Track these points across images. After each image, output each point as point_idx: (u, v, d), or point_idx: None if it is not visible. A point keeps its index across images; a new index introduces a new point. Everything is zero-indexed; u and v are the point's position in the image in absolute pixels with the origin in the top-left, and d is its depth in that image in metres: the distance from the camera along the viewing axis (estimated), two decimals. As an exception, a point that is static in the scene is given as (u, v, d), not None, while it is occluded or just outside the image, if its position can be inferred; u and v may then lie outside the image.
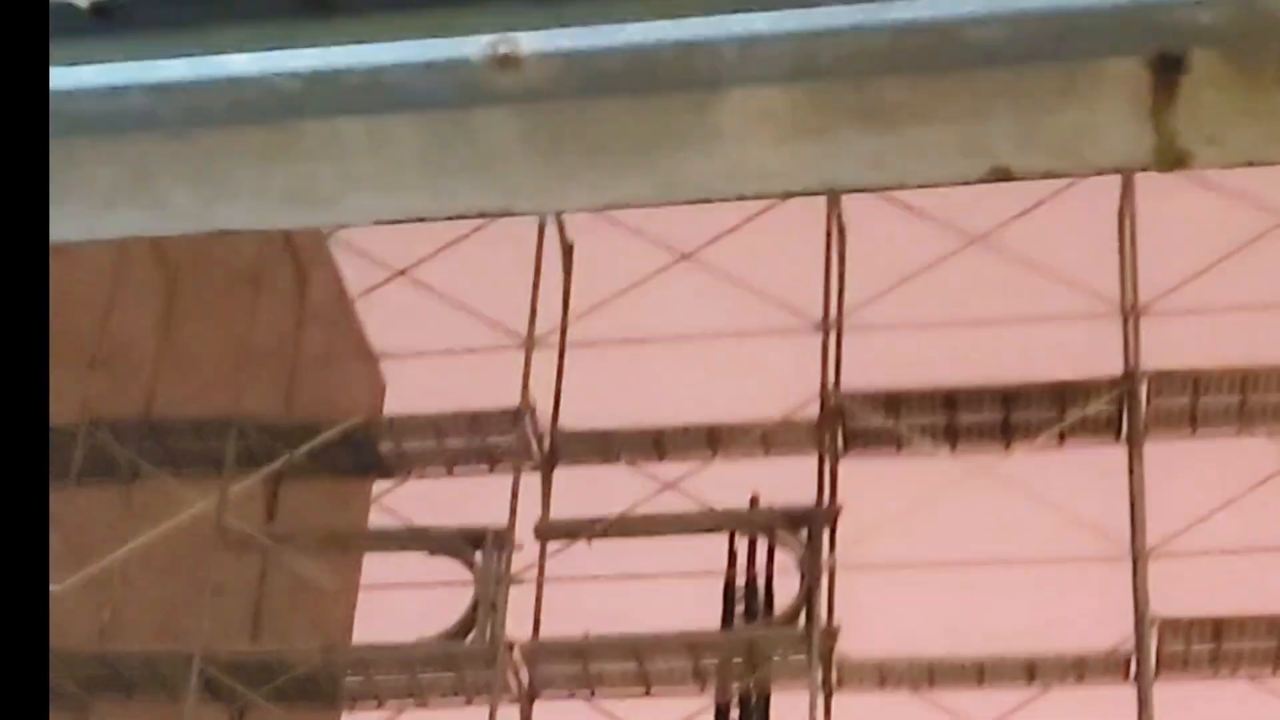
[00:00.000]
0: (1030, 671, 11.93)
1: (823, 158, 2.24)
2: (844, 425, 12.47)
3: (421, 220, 2.41)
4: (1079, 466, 12.21)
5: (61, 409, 13.03)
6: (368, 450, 13.01)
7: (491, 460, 12.97)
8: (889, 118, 2.18)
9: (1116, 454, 12.10)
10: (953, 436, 12.50)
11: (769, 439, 12.61)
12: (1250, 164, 2.18)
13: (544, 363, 13.45)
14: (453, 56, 2.19)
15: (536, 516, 12.46)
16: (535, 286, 13.81)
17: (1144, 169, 2.20)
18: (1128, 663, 11.63)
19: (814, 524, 12.04)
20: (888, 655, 12.04)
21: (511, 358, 13.35)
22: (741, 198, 2.33)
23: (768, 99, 2.19)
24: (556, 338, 13.63)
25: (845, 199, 13.82)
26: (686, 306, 13.96)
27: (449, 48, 2.20)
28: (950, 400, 12.48)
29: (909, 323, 13.18)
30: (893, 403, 12.47)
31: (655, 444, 12.77)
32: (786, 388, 12.79)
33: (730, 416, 12.79)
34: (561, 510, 12.56)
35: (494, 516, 12.28)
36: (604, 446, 12.89)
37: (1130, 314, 12.34)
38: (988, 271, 13.42)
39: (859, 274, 13.79)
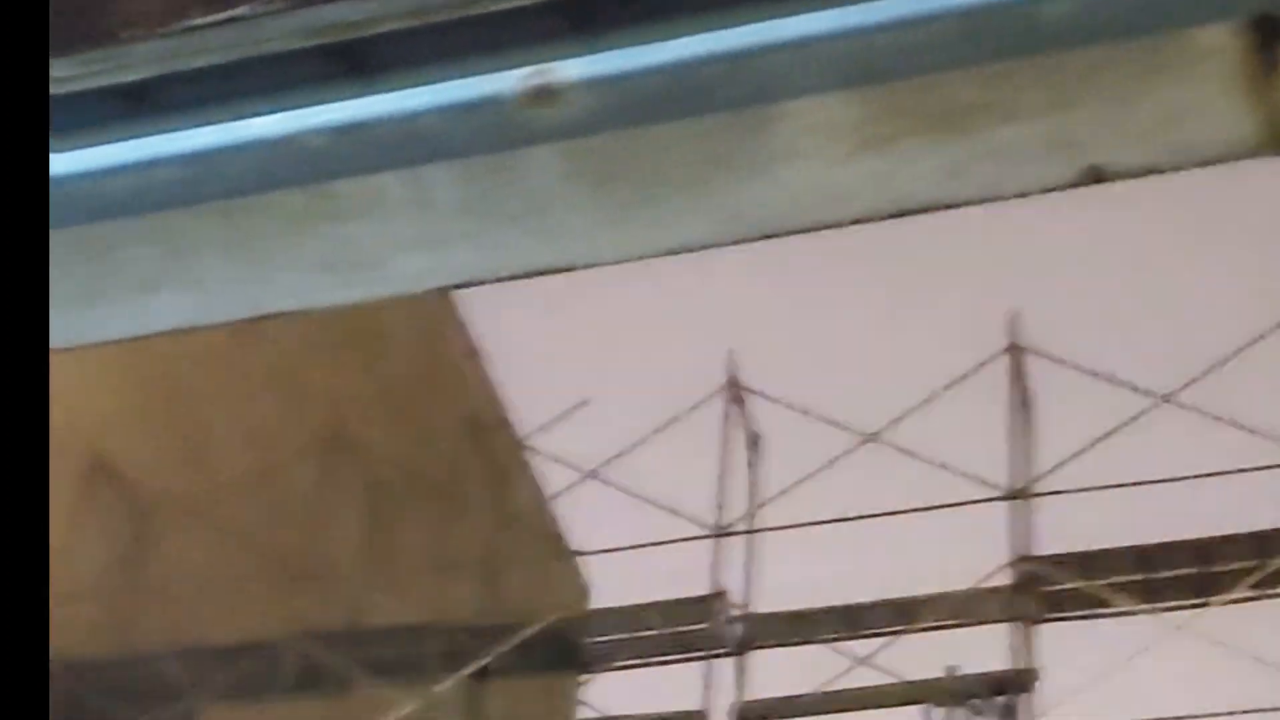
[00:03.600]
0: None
1: (894, 172, 1.95)
2: (1038, 589, 12.04)
3: (471, 284, 2.18)
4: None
5: (270, 624, 12.98)
6: (568, 646, 12.82)
7: (688, 647, 12.71)
8: (963, 119, 1.89)
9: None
10: (1149, 594, 11.99)
11: (963, 609, 12.21)
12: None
13: (737, 548, 13.28)
14: (485, 95, 1.95)
15: (733, 699, 12.19)
16: (723, 477, 13.72)
17: (1250, 155, 1.88)
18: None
19: (1012, 690, 11.58)
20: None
21: (705, 546, 13.19)
22: (811, 228, 2.05)
23: (828, 110, 1.91)
24: (746, 524, 13.45)
25: (1030, 364, 13.56)
26: (874, 484, 13.68)
27: (480, 86, 1.96)
28: (1145, 557, 12.00)
29: (1099, 483, 12.79)
30: (1086, 563, 12.04)
31: (848, 621, 12.43)
32: (978, 556, 12.43)
33: (923, 589, 12.45)
34: (757, 692, 12.28)
35: (691, 702, 12.02)
36: (797, 627, 12.59)
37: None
38: (1176, 428, 12.99)
39: (1046, 438, 13.45)
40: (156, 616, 12.87)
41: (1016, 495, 12.57)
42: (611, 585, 13.66)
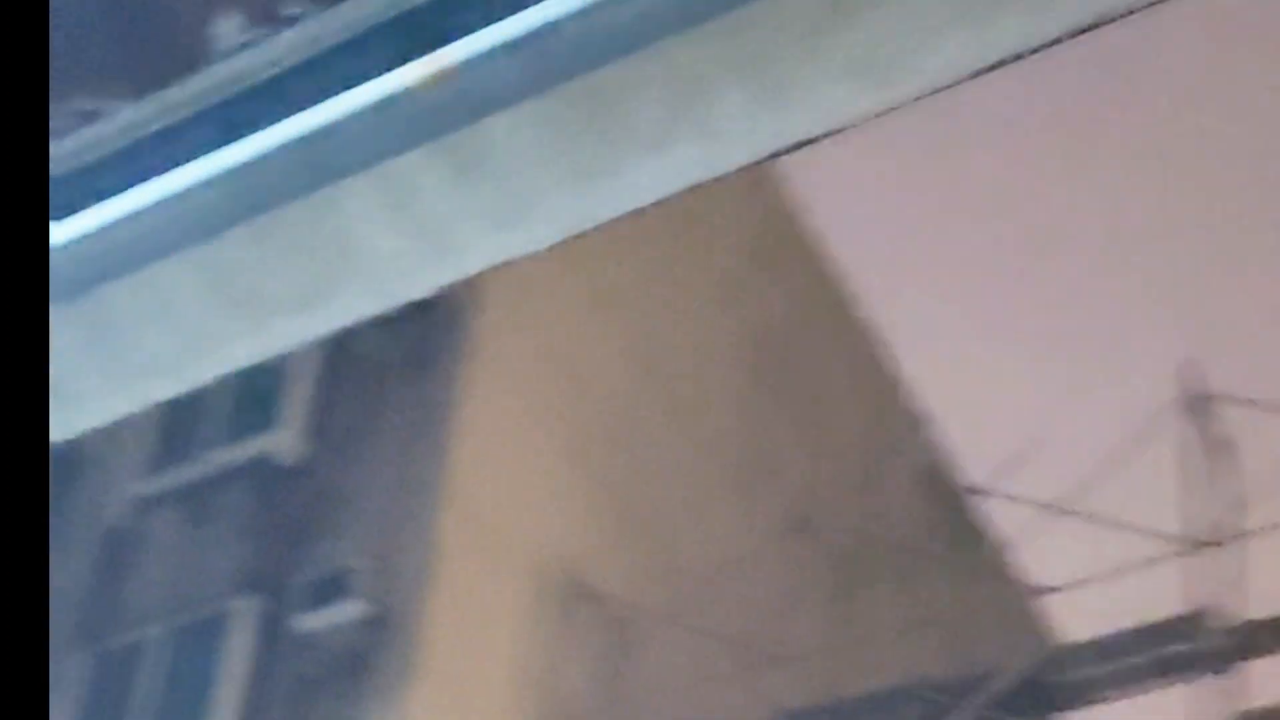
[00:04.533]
0: None
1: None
2: None
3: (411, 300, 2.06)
4: None
5: (749, 712, 12.94)
6: (1043, 688, 12.38)
7: (1170, 670, 12.11)
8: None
9: None
10: None
11: None
12: None
13: (1212, 562, 12.63)
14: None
15: (1225, 713, 11.55)
16: (1188, 490, 13.10)
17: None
18: None
19: None
20: None
21: (1176, 567, 12.61)
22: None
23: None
24: (1218, 535, 12.78)
25: None
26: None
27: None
28: None
29: None
30: None
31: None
32: None
33: None
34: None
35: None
36: (1281, 633, 11.87)
37: None
38: None
39: None
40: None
41: None
42: (1088, 620, 13.17)
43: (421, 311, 12.04)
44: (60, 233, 2.28)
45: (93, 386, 2.40)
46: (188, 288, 2.27)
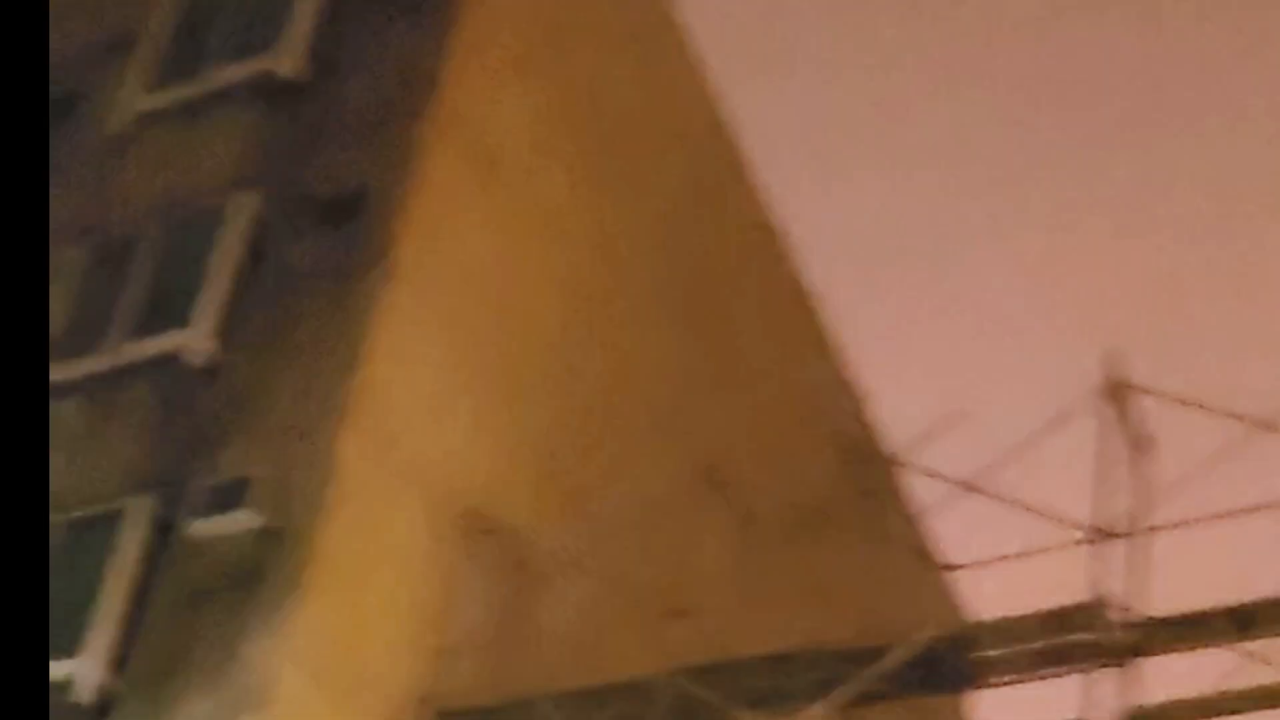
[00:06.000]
0: None
1: None
2: None
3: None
4: None
5: (645, 661, 12.76)
6: (944, 664, 12.24)
7: (1071, 658, 11.98)
8: None
9: None
10: None
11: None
12: None
13: (1119, 553, 12.54)
14: None
15: (1119, 707, 11.44)
16: (1102, 480, 12.99)
17: None
18: None
19: None
20: None
21: (1086, 556, 12.50)
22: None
23: None
24: (1128, 527, 12.68)
25: None
26: (1262, 478, 12.80)
27: None
28: None
29: None
30: None
31: (1238, 621, 11.54)
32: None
33: (1320, 582, 11.50)
34: (1143, 697, 11.52)
35: (1073, 713, 11.34)
36: (1186, 630, 11.76)
37: None
38: None
39: None
40: (536, 663, 12.79)
41: None
42: (990, 599, 13.08)
43: (343, 223, 11.77)
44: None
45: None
46: None
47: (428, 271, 12.02)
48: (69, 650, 10.70)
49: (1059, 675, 12.03)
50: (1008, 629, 12.14)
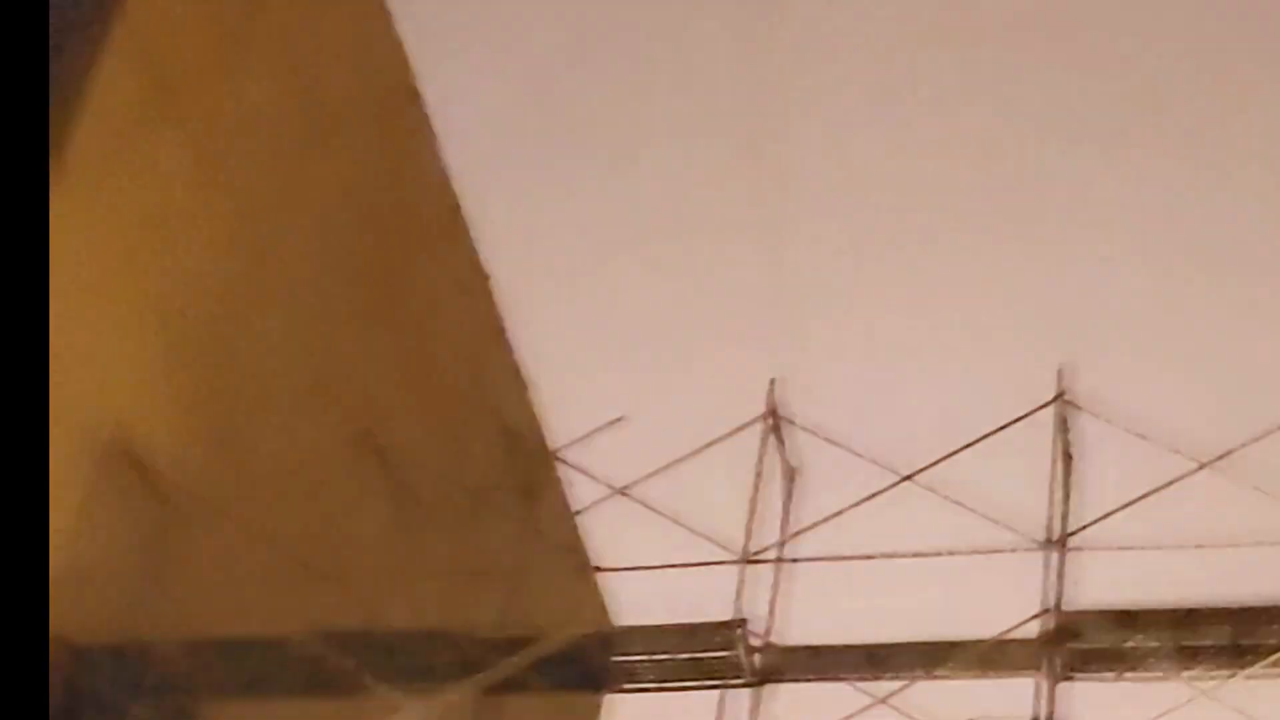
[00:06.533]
0: None
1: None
2: (1068, 644, 11.68)
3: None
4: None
5: (285, 620, 12.70)
6: (588, 664, 12.52)
7: (708, 673, 12.38)
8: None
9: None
10: (1183, 658, 11.59)
11: (989, 657, 11.85)
12: None
13: (764, 580, 13.01)
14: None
15: (750, 732, 11.87)
16: (754, 505, 13.46)
17: None
18: None
19: (1035, 744, 11.21)
20: None
21: (733, 574, 12.91)
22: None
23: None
24: (775, 554, 13.17)
25: (1078, 418, 13.34)
26: (910, 525, 13.38)
27: None
28: (1182, 620, 11.61)
29: (1138, 542, 12.47)
30: (1121, 621, 11.66)
31: (871, 660, 12.08)
32: (1009, 606, 12.10)
33: (951, 634, 12.11)
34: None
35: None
36: (819, 662, 12.27)
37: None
38: (1221, 492, 12.70)
39: (1086, 493, 13.15)
40: (169, 607, 12.60)
41: (1052, 545, 12.28)
42: (638, 606, 13.39)
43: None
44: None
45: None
46: None
47: (100, 202, 11.70)
48: None
49: (697, 689, 12.42)
50: (650, 637, 12.48)
